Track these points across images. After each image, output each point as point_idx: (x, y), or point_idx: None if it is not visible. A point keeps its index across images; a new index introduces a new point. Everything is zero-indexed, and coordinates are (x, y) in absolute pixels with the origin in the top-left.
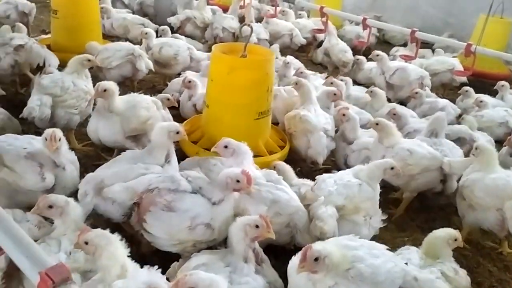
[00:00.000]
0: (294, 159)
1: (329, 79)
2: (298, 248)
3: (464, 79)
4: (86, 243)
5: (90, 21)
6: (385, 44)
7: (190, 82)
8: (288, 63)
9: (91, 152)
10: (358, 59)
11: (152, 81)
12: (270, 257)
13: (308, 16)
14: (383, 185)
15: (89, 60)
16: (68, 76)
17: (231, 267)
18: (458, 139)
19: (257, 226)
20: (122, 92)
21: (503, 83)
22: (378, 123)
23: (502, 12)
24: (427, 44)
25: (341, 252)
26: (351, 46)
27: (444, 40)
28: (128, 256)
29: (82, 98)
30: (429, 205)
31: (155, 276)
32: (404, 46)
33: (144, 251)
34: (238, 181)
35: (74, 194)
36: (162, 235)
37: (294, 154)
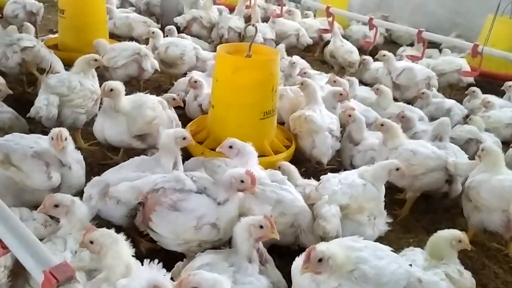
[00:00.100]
0: (300, 159)
1: (332, 77)
2: (302, 248)
3: (471, 79)
4: (92, 242)
5: (97, 20)
6: (392, 43)
7: (196, 82)
8: (294, 63)
9: (97, 151)
10: (364, 59)
11: (158, 80)
12: (274, 257)
13: (315, 15)
14: (388, 186)
15: (95, 60)
16: (74, 75)
17: (235, 267)
18: (468, 141)
19: (261, 227)
20: (129, 91)
21: (510, 83)
22: (383, 124)
23: (511, 12)
24: (435, 44)
25: (345, 253)
26: (358, 46)
27: (451, 40)
28: (132, 256)
29: (88, 97)
30: (434, 206)
31: (158, 275)
32: (411, 45)
33: (143, 249)
34: (242, 181)
35: (80, 193)
36: (168, 235)
37: (299, 154)
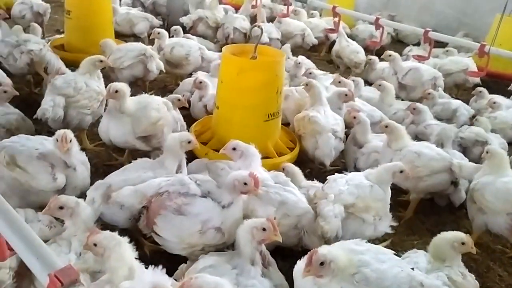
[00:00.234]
0: (304, 160)
1: (336, 78)
2: (306, 250)
3: (477, 79)
4: (95, 244)
5: (103, 21)
6: (398, 43)
7: (200, 82)
8: (299, 63)
9: (102, 152)
10: (370, 59)
11: (163, 81)
12: (278, 258)
13: (321, 15)
14: (392, 187)
15: (101, 61)
16: (80, 76)
17: (238, 270)
18: (475, 142)
19: (264, 229)
20: (134, 92)
21: None
22: (387, 126)
23: None
24: (442, 43)
25: (347, 256)
26: (364, 46)
27: (458, 40)
28: (136, 259)
29: (94, 98)
30: (439, 208)
31: (161, 277)
32: (418, 45)
33: (147, 251)
34: (245, 183)
35: (85, 195)
36: (172, 239)
37: (304, 155)
